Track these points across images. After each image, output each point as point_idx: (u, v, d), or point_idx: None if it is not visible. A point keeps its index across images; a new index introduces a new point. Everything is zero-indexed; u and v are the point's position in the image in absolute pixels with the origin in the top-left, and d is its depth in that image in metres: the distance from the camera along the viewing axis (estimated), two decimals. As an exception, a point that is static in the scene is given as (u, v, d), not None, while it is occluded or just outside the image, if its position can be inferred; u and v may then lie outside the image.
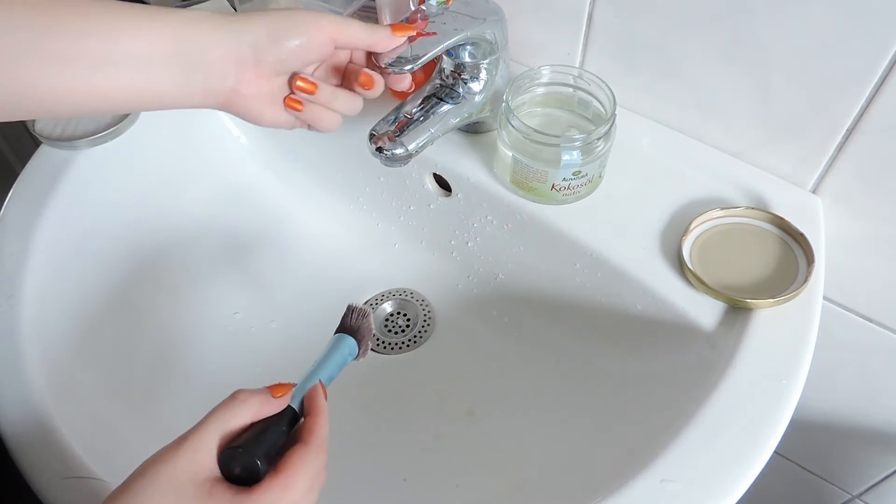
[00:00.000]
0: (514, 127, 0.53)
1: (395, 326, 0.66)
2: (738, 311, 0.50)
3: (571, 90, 0.57)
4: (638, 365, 0.56)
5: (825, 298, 0.61)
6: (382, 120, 0.52)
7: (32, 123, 0.62)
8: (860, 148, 0.51)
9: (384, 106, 0.54)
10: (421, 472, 0.56)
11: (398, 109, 0.53)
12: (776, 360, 0.47)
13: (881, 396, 0.67)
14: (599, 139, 0.53)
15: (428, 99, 0.54)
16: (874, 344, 0.62)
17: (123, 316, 0.59)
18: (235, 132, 0.71)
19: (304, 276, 0.68)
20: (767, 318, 0.49)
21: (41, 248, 0.55)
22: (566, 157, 0.52)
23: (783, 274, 0.51)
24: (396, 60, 0.44)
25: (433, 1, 0.50)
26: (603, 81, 0.54)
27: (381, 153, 0.51)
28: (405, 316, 0.66)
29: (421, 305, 0.66)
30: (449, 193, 0.63)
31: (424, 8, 0.49)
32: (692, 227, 0.53)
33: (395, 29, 0.43)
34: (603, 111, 0.55)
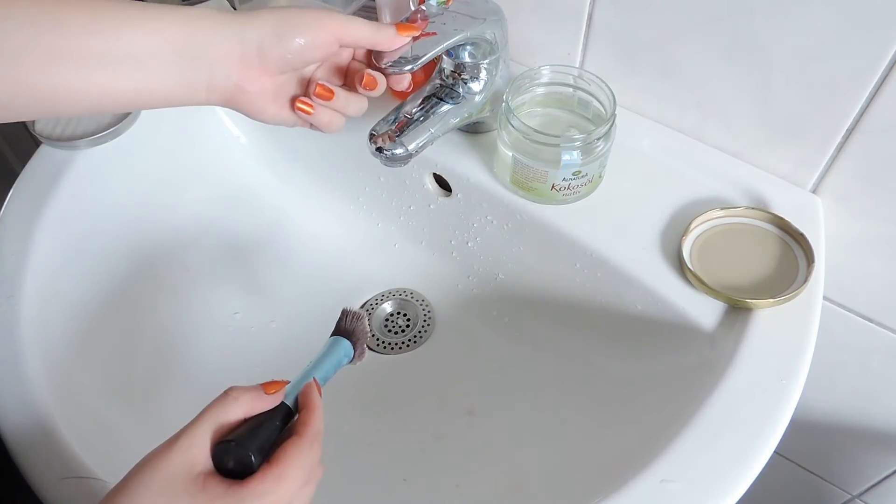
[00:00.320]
0: (514, 127, 0.53)
1: (394, 326, 0.66)
2: (738, 311, 0.50)
3: (571, 90, 0.57)
4: (638, 365, 0.56)
5: (825, 298, 0.61)
6: (382, 120, 0.52)
7: (32, 123, 0.62)
8: (860, 148, 0.51)
9: (384, 106, 0.54)
10: (421, 472, 0.56)
11: (398, 109, 0.53)
12: (776, 360, 0.47)
13: (881, 396, 0.67)
14: (599, 139, 0.53)
15: (428, 99, 0.54)
16: (874, 344, 0.62)
17: (123, 316, 0.59)
18: (235, 132, 0.71)
19: (304, 276, 0.68)
20: (767, 318, 0.49)
21: (41, 248, 0.55)
22: (566, 157, 0.52)
23: (783, 274, 0.51)
24: (396, 61, 0.43)
25: (433, 1, 0.50)
26: (603, 81, 0.54)
27: (381, 153, 0.51)
28: (405, 316, 0.66)
29: (421, 305, 0.66)
30: (449, 193, 0.63)
31: (424, 8, 0.49)
32: (692, 227, 0.53)
33: (399, 28, 0.43)
34: (603, 111, 0.55)
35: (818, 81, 0.50)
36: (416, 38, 0.45)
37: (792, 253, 0.52)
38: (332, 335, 0.44)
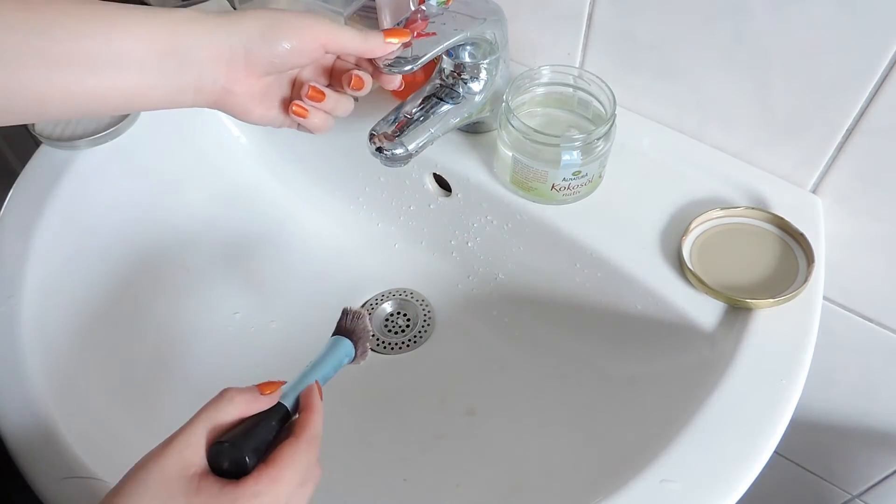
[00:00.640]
0: (514, 127, 0.53)
1: (395, 326, 0.66)
2: (738, 311, 0.50)
3: (571, 90, 0.57)
4: (638, 365, 0.56)
5: (825, 298, 0.61)
6: (382, 120, 0.52)
7: (32, 124, 0.62)
8: (860, 148, 0.51)
9: (384, 106, 0.54)
10: (421, 472, 0.56)
11: (398, 109, 0.53)
12: (776, 360, 0.47)
13: (881, 396, 0.67)
14: (599, 139, 0.53)
15: (428, 99, 0.54)
16: (874, 344, 0.62)
17: (123, 316, 0.59)
18: (235, 132, 0.71)
19: (304, 275, 0.68)
20: (767, 318, 0.49)
21: (41, 248, 0.55)
22: (566, 157, 0.52)
23: (783, 274, 0.51)
24: (396, 61, 0.44)
25: (433, 1, 0.50)
26: (603, 81, 0.54)
27: (381, 153, 0.51)
28: (405, 316, 0.66)
29: (421, 305, 0.66)
30: (449, 193, 0.63)
31: (424, 8, 0.49)
32: (692, 227, 0.53)
33: (387, 34, 0.43)
34: (603, 111, 0.55)
35: (818, 81, 0.50)
36: (416, 37, 0.45)
37: (792, 253, 0.52)
38: (333, 335, 0.44)
